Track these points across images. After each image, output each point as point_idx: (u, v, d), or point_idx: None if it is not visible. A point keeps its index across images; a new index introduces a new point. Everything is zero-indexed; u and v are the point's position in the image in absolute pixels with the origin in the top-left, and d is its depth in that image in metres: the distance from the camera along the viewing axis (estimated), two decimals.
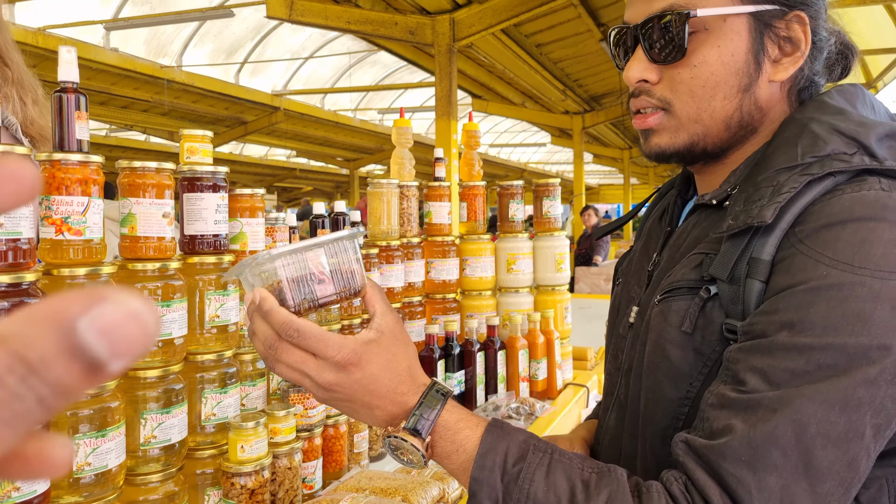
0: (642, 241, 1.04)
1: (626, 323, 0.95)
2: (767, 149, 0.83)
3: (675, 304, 0.81)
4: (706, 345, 0.78)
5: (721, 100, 0.84)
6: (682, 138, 0.86)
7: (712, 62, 0.83)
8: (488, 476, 0.73)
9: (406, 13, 6.35)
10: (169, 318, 1.24)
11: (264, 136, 13.04)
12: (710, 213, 0.87)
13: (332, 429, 1.63)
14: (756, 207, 0.74)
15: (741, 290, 0.75)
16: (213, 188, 1.36)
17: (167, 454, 1.26)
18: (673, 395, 0.80)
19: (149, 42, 8.18)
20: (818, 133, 0.77)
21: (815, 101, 0.84)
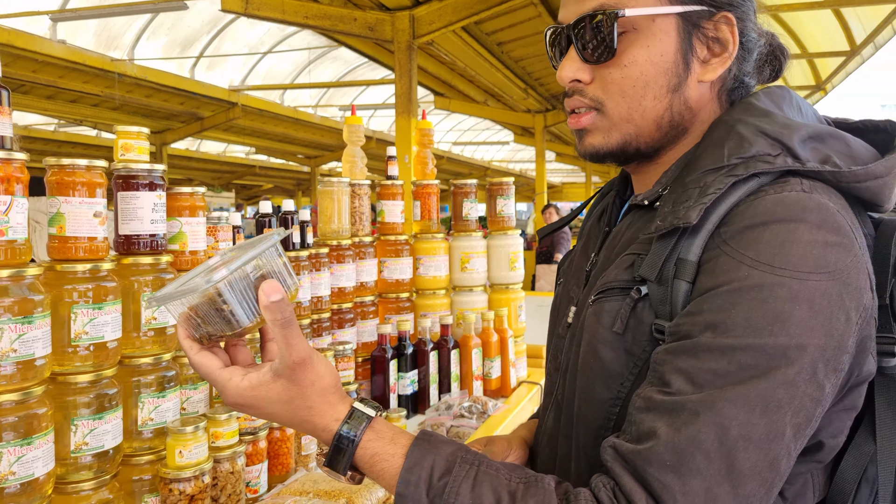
0: (582, 241, 1.04)
1: (564, 323, 0.95)
2: (697, 150, 0.83)
3: (607, 305, 0.81)
4: (637, 345, 0.78)
5: (651, 99, 0.84)
6: (614, 138, 0.86)
7: (642, 62, 0.83)
8: (413, 492, 0.72)
9: (365, 9, 6.29)
10: (101, 321, 1.20)
11: (222, 132, 12.81)
12: (643, 214, 0.88)
13: (279, 431, 1.60)
14: (683, 208, 0.75)
15: (669, 290, 0.75)
16: (149, 186, 1.32)
17: (100, 461, 1.22)
18: (604, 395, 0.80)
19: (98, 34, 7.94)
20: (744, 135, 0.78)
21: (743, 103, 0.84)
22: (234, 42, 9.29)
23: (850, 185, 0.76)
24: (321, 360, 0.79)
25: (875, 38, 7.10)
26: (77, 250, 1.19)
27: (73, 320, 1.17)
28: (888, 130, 0.84)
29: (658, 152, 0.88)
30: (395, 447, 0.77)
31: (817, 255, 0.69)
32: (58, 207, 1.18)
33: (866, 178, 0.76)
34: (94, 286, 1.20)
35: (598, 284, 0.85)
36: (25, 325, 1.07)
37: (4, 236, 1.05)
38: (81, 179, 1.19)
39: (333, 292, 2.06)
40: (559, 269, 1.09)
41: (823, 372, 0.68)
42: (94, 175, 1.21)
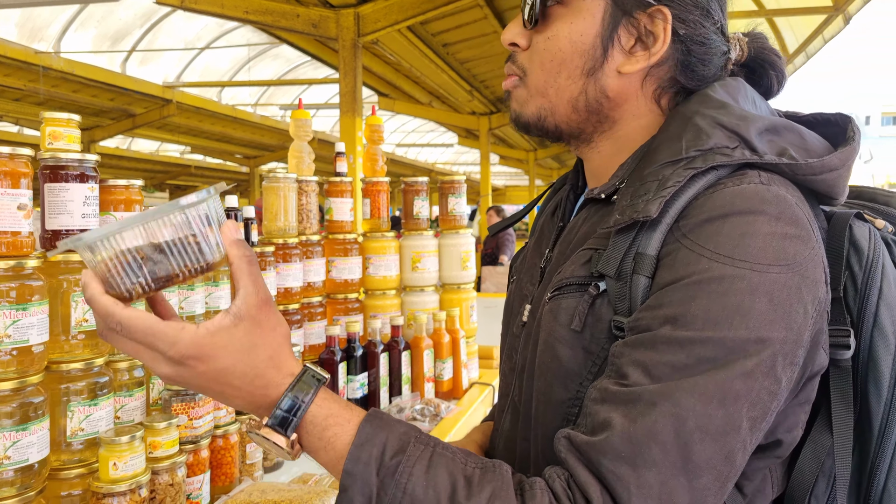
0: (535, 237, 1.01)
1: (519, 322, 0.92)
2: (653, 142, 0.82)
3: (564, 302, 0.79)
4: (595, 343, 0.76)
5: (565, 78, 0.83)
6: (530, 109, 0.86)
7: (562, 37, 0.82)
8: (362, 470, 0.66)
9: (309, 5, 6.16)
10: (25, 323, 1.10)
11: (155, 130, 12.35)
12: (599, 208, 0.86)
13: (222, 439, 1.51)
14: (642, 202, 0.73)
15: (628, 286, 0.74)
16: (80, 178, 1.22)
17: (24, 475, 1.11)
18: (562, 395, 0.78)
19: (21, 25, 7.51)
20: (701, 127, 0.76)
21: (700, 95, 0.82)
22: (168, 37, 8.97)
23: (807, 177, 0.76)
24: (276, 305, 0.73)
25: (807, 48, 7.39)
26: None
27: None
28: (839, 123, 0.83)
29: (588, 136, 0.87)
30: (351, 413, 0.71)
31: (776, 247, 0.69)
32: None
33: (822, 171, 0.76)
34: (18, 285, 1.09)
35: (553, 281, 0.82)
36: None
37: None
38: (4, 168, 1.08)
39: (279, 293, 1.97)
40: (511, 266, 1.06)
41: (781, 365, 0.68)
42: (19, 164, 1.10)
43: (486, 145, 12.53)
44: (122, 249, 0.65)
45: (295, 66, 10.99)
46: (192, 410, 1.41)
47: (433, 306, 2.42)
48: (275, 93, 12.48)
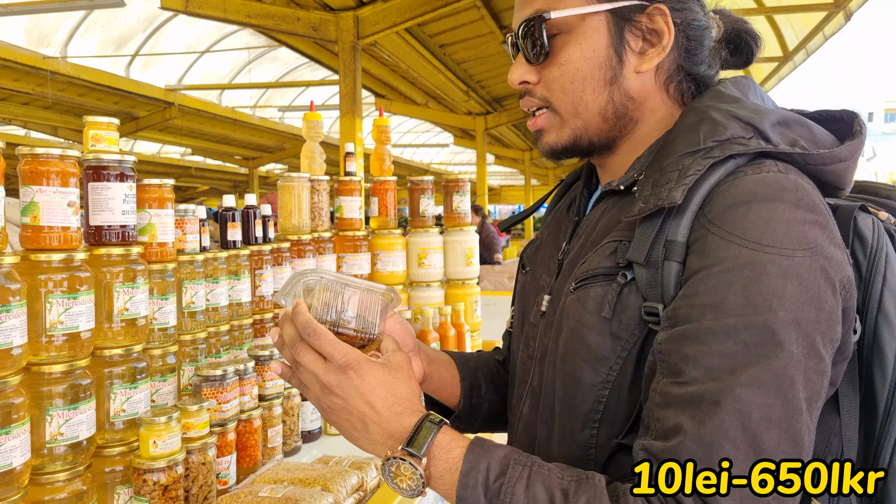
0: (550, 230, 1.05)
1: (536, 311, 0.96)
2: (669, 136, 0.86)
3: (592, 291, 0.82)
4: (624, 329, 0.79)
5: (591, 93, 0.88)
6: (566, 133, 0.91)
7: (575, 59, 0.87)
8: (471, 494, 0.75)
9: (309, 8, 6.26)
10: (75, 311, 1.20)
11: (157, 132, 12.45)
12: (617, 200, 0.90)
13: (246, 423, 1.61)
14: (665, 190, 0.77)
15: (659, 272, 0.77)
16: (120, 177, 1.32)
17: (74, 452, 1.21)
18: (592, 379, 0.81)
19: (30, 31, 7.62)
20: (717, 119, 0.81)
21: (712, 91, 0.87)
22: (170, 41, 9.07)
23: (817, 167, 0.80)
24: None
25: (807, 45, 7.40)
26: (51, 240, 1.18)
27: (48, 310, 1.16)
28: (844, 119, 0.87)
29: (614, 143, 0.92)
30: (462, 447, 0.80)
31: (798, 232, 0.73)
32: (31, 197, 1.17)
33: (832, 161, 0.80)
34: (69, 276, 1.19)
35: (577, 272, 0.86)
36: (3, 314, 1.06)
37: None
38: (55, 168, 1.18)
39: None
40: (522, 257, 1.10)
41: (822, 343, 0.71)
42: (68, 164, 1.20)
43: (483, 145, 12.63)
44: (338, 299, 0.86)
45: (293, 69, 11.08)
46: (221, 395, 1.51)
47: (439, 301, 2.52)
48: (273, 95, 12.57)
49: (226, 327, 1.73)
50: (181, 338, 1.57)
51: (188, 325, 1.58)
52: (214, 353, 1.70)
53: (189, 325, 1.59)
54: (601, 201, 0.94)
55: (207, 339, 1.66)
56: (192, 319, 1.59)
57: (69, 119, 10.85)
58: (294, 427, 1.82)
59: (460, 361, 1.13)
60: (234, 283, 1.75)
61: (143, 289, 1.35)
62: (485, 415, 1.12)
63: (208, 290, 1.64)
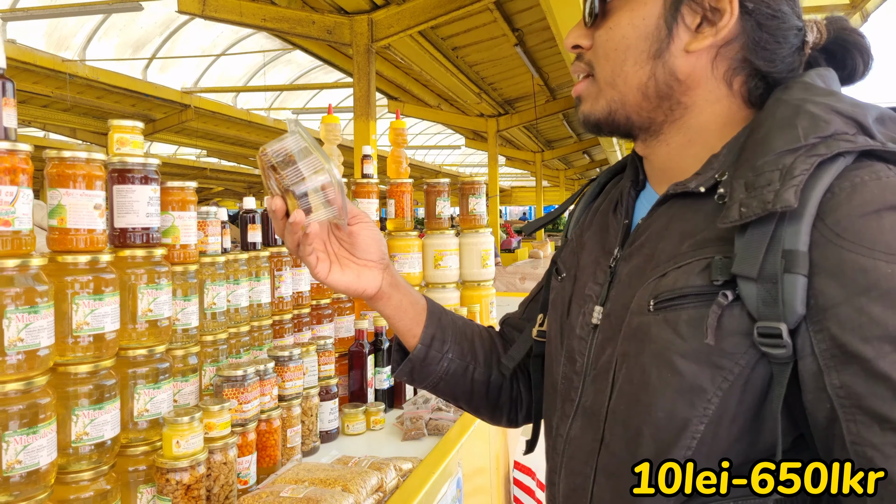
0: (593, 234, 0.95)
1: (583, 323, 0.88)
2: (755, 133, 0.76)
3: (684, 314, 0.73)
4: (727, 358, 0.70)
5: (632, 65, 0.81)
6: (601, 104, 0.85)
7: (624, 24, 0.82)
8: None
9: (323, 12, 6.29)
10: (101, 312, 1.21)
11: (173, 134, 12.56)
12: (689, 204, 0.80)
13: (266, 424, 1.63)
14: (768, 192, 0.68)
15: (778, 287, 0.67)
16: (144, 180, 1.34)
17: (99, 451, 1.23)
18: (688, 413, 0.72)
19: (49, 34, 7.72)
20: (817, 113, 0.71)
21: (800, 83, 0.78)
22: (187, 44, 9.14)
23: None
24: None
25: None
26: (77, 242, 1.20)
27: (75, 311, 1.18)
28: None
29: (659, 128, 0.84)
30: None
31: None
32: (59, 199, 1.19)
33: None
34: (95, 277, 1.21)
35: (659, 290, 0.76)
36: (31, 315, 1.08)
37: (10, 227, 1.06)
38: (82, 172, 1.20)
39: (312, 288, 2.09)
40: (556, 262, 1.01)
41: None
42: (94, 168, 1.22)
43: (494, 147, 12.63)
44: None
45: (307, 71, 11.13)
46: (242, 395, 1.52)
47: (455, 302, 2.53)
48: (287, 97, 12.63)
49: (246, 328, 1.74)
50: (202, 338, 1.59)
51: (209, 326, 1.60)
52: (235, 354, 1.71)
53: (210, 326, 1.60)
54: (663, 204, 0.84)
55: (228, 339, 1.67)
56: (213, 320, 1.61)
57: (87, 121, 10.96)
58: (312, 427, 1.84)
59: (433, 310, 1.06)
60: (254, 285, 1.77)
61: (166, 290, 1.37)
62: (442, 373, 1.05)
63: (229, 291, 1.66)
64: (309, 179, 0.87)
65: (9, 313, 1.05)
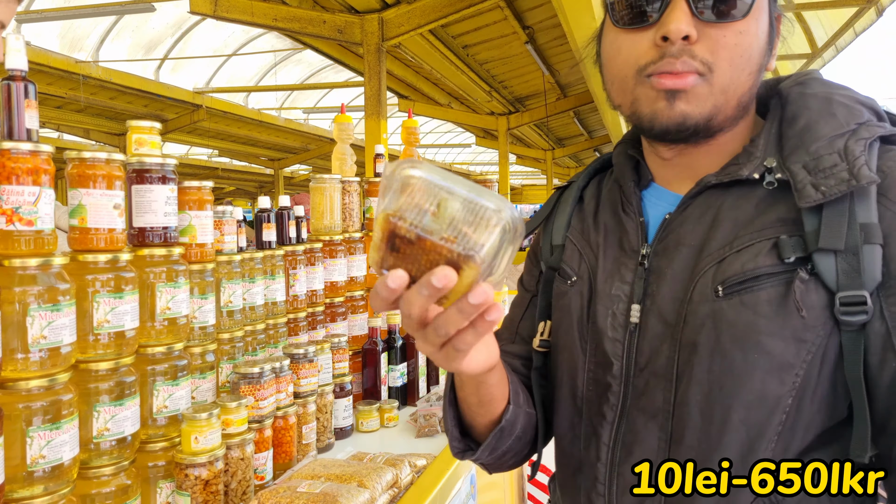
0: (606, 236, 0.93)
1: (616, 324, 0.86)
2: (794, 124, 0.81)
3: (763, 294, 0.75)
4: (809, 330, 0.73)
5: (747, 75, 0.79)
6: (706, 108, 0.79)
7: (753, 33, 0.78)
8: None
9: (334, 11, 6.31)
10: (121, 311, 1.23)
11: (185, 134, 12.64)
12: (734, 193, 0.82)
13: (282, 420, 1.64)
14: (841, 171, 0.73)
15: (858, 258, 0.72)
16: (162, 180, 1.36)
17: (120, 447, 1.25)
18: (779, 390, 0.74)
19: (63, 36, 7.80)
20: (847, 104, 0.79)
21: (813, 80, 0.85)
22: (198, 44, 9.20)
23: None
24: None
25: (836, 41, 7.28)
26: (98, 241, 1.22)
27: (96, 309, 1.20)
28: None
29: (720, 131, 0.83)
30: None
31: None
32: (79, 200, 1.21)
33: None
34: (115, 276, 1.23)
35: (726, 275, 0.77)
36: (54, 313, 1.10)
37: (34, 226, 1.08)
38: (101, 172, 1.22)
39: (326, 286, 2.10)
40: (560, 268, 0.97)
41: None
42: (114, 168, 1.24)
43: (505, 145, 12.61)
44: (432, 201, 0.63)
45: (317, 71, 11.17)
46: (258, 392, 1.54)
47: None
48: (298, 97, 12.68)
49: (262, 326, 1.76)
50: (219, 336, 1.61)
51: (226, 324, 1.62)
52: (251, 352, 1.73)
53: (227, 324, 1.62)
54: (698, 196, 0.85)
55: (244, 337, 1.69)
56: (230, 318, 1.62)
57: (101, 122, 11.05)
58: (327, 424, 1.85)
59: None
60: (270, 283, 1.79)
61: (184, 288, 1.39)
62: (518, 432, 0.93)
63: (245, 289, 1.68)
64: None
65: (32, 311, 1.07)
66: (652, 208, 0.90)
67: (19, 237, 1.07)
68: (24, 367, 1.08)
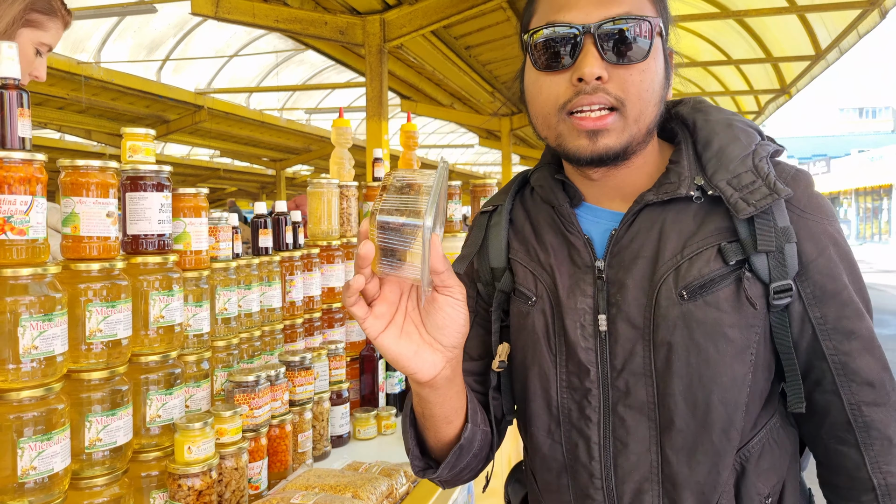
0: (555, 255, 0.99)
1: (586, 334, 0.94)
2: (708, 147, 0.97)
3: (722, 294, 0.90)
4: (755, 317, 0.91)
5: (653, 106, 0.92)
6: (624, 139, 0.90)
7: (653, 70, 0.91)
8: None
9: (336, 13, 6.30)
10: (114, 319, 1.22)
11: (187, 135, 12.62)
12: (672, 208, 0.95)
13: (278, 429, 1.63)
14: (761, 186, 0.91)
15: (782, 255, 0.90)
16: (156, 187, 1.35)
17: (113, 457, 1.24)
18: (743, 369, 0.91)
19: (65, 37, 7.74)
20: (744, 128, 0.97)
21: (709, 107, 1.02)
22: (200, 45, 9.19)
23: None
24: None
25: (840, 43, 7.28)
26: (91, 249, 1.21)
27: (88, 318, 1.19)
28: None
29: (633, 154, 0.95)
30: None
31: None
32: (72, 208, 1.20)
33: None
34: (108, 285, 1.22)
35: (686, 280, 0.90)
36: (46, 323, 1.09)
37: (25, 235, 1.07)
38: (95, 180, 1.21)
39: (324, 292, 2.10)
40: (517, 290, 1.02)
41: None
42: (107, 176, 1.23)
43: (508, 146, 12.59)
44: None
45: (319, 71, 11.15)
46: (253, 401, 1.53)
47: None
48: (300, 97, 12.67)
49: (257, 333, 1.75)
50: (214, 344, 1.60)
51: (221, 332, 1.61)
52: (246, 359, 1.72)
53: (222, 332, 1.61)
54: (640, 213, 0.96)
55: (240, 344, 1.68)
56: (225, 325, 1.62)
57: (102, 122, 11.04)
58: (324, 432, 1.84)
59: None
60: (266, 290, 1.78)
61: (178, 296, 1.38)
62: (475, 449, 0.99)
63: (240, 296, 1.67)
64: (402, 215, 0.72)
65: (23, 321, 1.07)
66: (591, 225, 1.00)
67: (11, 246, 1.07)
68: (15, 377, 1.07)
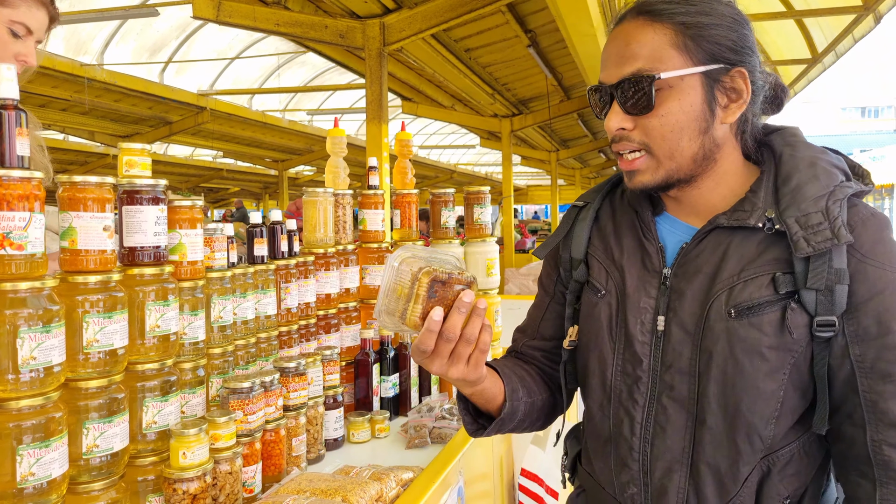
0: (629, 257, 1.17)
1: (643, 330, 1.12)
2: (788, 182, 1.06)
3: (766, 317, 1.02)
4: (795, 343, 1.02)
5: (687, 141, 1.06)
6: (660, 174, 1.09)
7: (675, 112, 1.05)
8: None
9: (336, 16, 6.34)
10: (111, 330, 1.26)
11: (190, 136, 12.69)
12: (740, 233, 1.07)
13: (272, 433, 1.67)
14: (825, 229, 0.99)
15: (832, 293, 0.99)
16: (152, 200, 1.39)
17: (109, 462, 1.28)
18: (771, 386, 1.03)
19: (68, 39, 7.85)
20: (827, 168, 1.06)
21: (800, 142, 1.12)
22: (202, 47, 9.24)
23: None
24: None
25: (836, 47, 7.38)
26: (88, 262, 1.25)
27: (86, 329, 1.23)
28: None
29: (695, 179, 1.11)
30: None
31: None
32: (70, 222, 1.24)
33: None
34: (105, 296, 1.26)
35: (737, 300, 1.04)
36: (44, 335, 1.13)
37: (24, 251, 1.11)
38: (92, 195, 1.25)
39: (319, 298, 2.13)
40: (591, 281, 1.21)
41: None
42: (104, 191, 1.27)
43: (509, 147, 12.62)
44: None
45: (321, 72, 11.20)
46: (247, 406, 1.57)
47: None
48: (302, 98, 12.72)
49: (253, 340, 1.79)
50: (210, 351, 1.64)
51: (216, 339, 1.65)
52: (242, 365, 1.76)
53: (217, 339, 1.65)
54: (710, 233, 1.10)
55: (235, 351, 1.72)
56: (220, 333, 1.66)
57: (105, 124, 11.11)
58: (318, 436, 1.88)
59: (501, 369, 1.25)
60: (261, 297, 1.82)
61: (174, 306, 1.42)
62: (522, 416, 1.25)
63: (236, 304, 1.71)
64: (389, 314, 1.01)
65: (22, 333, 1.11)
66: (668, 235, 1.16)
67: (10, 261, 1.10)
68: (14, 387, 1.11)
